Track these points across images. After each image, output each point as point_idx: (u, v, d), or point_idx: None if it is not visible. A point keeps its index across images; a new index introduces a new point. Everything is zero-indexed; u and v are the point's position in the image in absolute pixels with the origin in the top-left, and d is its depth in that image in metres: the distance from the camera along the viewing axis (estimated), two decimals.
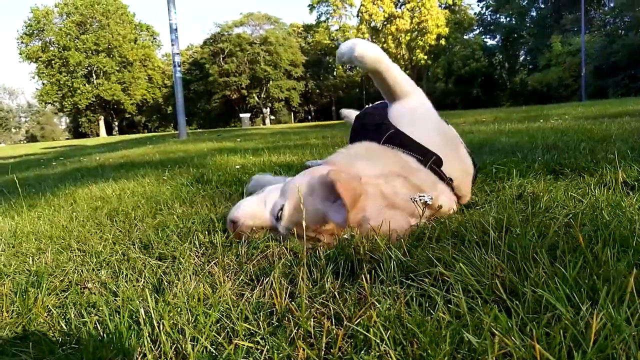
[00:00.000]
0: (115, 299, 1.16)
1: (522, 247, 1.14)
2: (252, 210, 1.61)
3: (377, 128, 1.79)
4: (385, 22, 46.95)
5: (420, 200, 1.50)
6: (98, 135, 52.81)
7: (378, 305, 0.96)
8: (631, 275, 0.87)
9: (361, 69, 1.80)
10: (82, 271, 1.42)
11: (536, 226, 1.33)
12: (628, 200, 1.53)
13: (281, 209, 1.53)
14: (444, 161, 1.67)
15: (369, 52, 1.76)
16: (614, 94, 24.86)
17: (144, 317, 0.99)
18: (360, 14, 48.91)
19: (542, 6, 42.48)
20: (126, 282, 1.28)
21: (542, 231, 1.29)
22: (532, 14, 43.67)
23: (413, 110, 1.84)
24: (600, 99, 21.52)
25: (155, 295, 1.14)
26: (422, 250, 1.25)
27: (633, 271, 0.90)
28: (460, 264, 1.08)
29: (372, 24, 48.24)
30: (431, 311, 0.93)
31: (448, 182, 1.69)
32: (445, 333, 0.83)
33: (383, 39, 46.62)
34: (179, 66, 13.18)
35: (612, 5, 35.09)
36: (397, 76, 1.85)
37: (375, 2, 47.05)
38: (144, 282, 1.27)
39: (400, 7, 47.15)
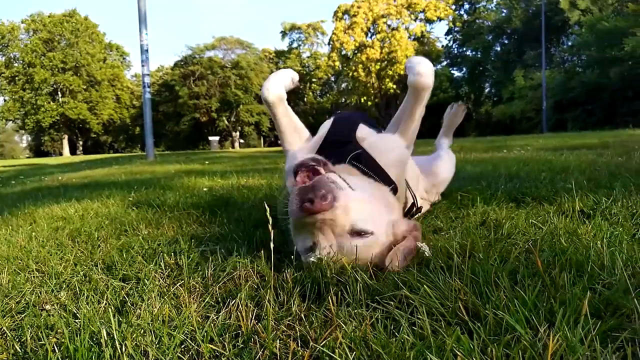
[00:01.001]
0: (75, 321, 1.13)
1: (484, 272, 1.18)
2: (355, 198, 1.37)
3: (343, 146, 1.75)
4: (356, 51, 47.93)
5: None
6: (61, 154, 51.40)
7: (344, 327, 0.97)
8: (585, 299, 0.91)
9: (409, 83, 1.77)
10: (40, 292, 1.37)
11: (498, 252, 1.37)
12: (584, 227, 1.60)
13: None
14: None
15: (429, 78, 1.76)
16: (572, 128, 25.95)
17: (105, 338, 0.96)
18: (331, 42, 49.82)
19: (506, 42, 44.30)
20: (87, 303, 1.24)
21: (503, 256, 1.33)
22: (496, 48, 45.46)
23: (396, 148, 1.80)
24: (560, 131, 22.42)
25: (118, 316, 1.11)
26: (388, 274, 1.26)
27: (587, 295, 0.94)
28: (425, 287, 1.10)
29: (343, 52, 49.15)
30: (396, 333, 0.94)
31: None
32: (410, 354, 0.84)
33: (354, 67, 47.50)
34: (149, 87, 13.06)
35: (570, 44, 36.90)
36: (417, 116, 1.83)
37: (346, 31, 48.07)
38: (106, 304, 1.23)
39: (370, 37, 48.31)
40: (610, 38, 26.06)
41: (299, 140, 1.95)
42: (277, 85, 1.90)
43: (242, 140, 56.54)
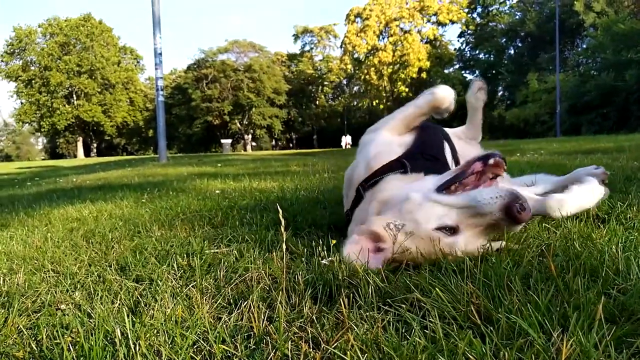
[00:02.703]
0: (89, 321, 1.14)
1: (497, 275, 1.17)
2: None
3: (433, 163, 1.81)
4: (368, 54, 47.93)
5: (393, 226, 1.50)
6: (75, 156, 52.08)
7: (356, 329, 0.97)
8: (600, 303, 0.90)
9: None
10: (55, 292, 1.39)
11: (511, 255, 1.36)
12: (598, 232, 1.58)
13: None
14: None
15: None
16: (587, 131, 25.60)
17: (119, 337, 0.97)
18: (343, 45, 49.87)
19: (519, 45, 44.00)
20: (101, 303, 1.26)
21: (516, 260, 1.32)
22: (509, 51, 45.18)
23: None
24: (574, 135, 22.16)
25: (132, 316, 1.13)
26: (399, 277, 1.26)
27: (602, 299, 0.93)
28: (437, 290, 1.10)
29: (355, 56, 49.19)
30: (407, 336, 0.94)
31: None
32: (421, 357, 0.84)
33: (366, 71, 47.51)
34: (162, 90, 13.19)
35: (584, 46, 36.51)
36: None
37: (358, 35, 48.10)
38: (119, 304, 1.25)
39: (383, 40, 48.28)
40: (626, 40, 25.74)
41: (397, 134, 1.94)
42: (452, 97, 1.95)
43: (254, 143, 56.78)
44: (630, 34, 25.45)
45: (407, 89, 45.80)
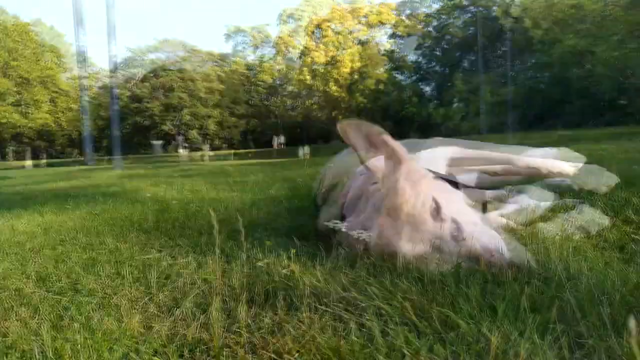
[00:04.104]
0: (3, 340, 1.05)
1: (429, 271, 1.20)
2: None
3: None
4: (302, 55, 48.07)
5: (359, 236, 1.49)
6: None
7: (293, 332, 0.96)
8: (523, 294, 0.95)
9: None
10: None
11: None
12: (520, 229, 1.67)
13: None
14: None
15: None
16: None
17: (37, 356, 0.90)
18: (276, 45, 49.77)
19: (473, 59, 45.72)
20: (17, 320, 1.16)
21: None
22: (463, 65, 46.88)
23: None
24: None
25: (53, 332, 1.05)
26: (336, 276, 1.26)
27: (525, 290, 0.98)
28: (373, 288, 1.11)
29: (314, 67, 49.00)
30: (345, 336, 0.94)
31: None
32: (360, 356, 0.85)
33: (324, 82, 47.52)
34: (87, 90, 12.54)
35: (533, 61, 38.53)
36: None
37: (291, 35, 48.16)
38: (39, 319, 1.16)
39: (316, 41, 48.52)
40: (571, 57, 27.73)
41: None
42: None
43: (186, 144, 55.26)
44: (573, 51, 27.46)
45: (365, 100, 46.26)
